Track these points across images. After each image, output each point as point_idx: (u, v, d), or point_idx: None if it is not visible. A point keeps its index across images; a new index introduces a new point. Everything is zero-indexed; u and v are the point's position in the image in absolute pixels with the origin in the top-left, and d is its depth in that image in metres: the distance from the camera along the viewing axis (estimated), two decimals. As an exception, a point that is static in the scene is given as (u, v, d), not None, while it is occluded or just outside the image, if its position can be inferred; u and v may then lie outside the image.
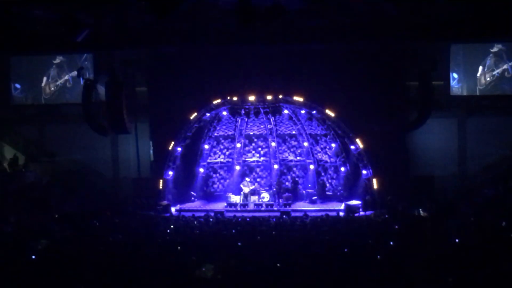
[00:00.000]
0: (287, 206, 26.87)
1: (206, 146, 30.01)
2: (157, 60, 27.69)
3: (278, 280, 10.08)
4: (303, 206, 27.33)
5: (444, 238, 14.97)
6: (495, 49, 26.93)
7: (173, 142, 27.15)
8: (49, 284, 10.08)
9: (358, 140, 25.89)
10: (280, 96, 25.88)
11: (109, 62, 26.27)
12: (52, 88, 29.89)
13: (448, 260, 11.73)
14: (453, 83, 27.35)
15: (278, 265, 11.31)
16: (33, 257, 12.60)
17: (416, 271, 10.89)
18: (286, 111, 27.40)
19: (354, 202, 26.17)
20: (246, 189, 28.07)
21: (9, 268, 11.35)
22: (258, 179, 30.44)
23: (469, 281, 9.81)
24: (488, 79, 27.08)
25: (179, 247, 14.18)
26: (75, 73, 28.46)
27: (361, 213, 24.65)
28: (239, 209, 26.92)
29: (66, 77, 29.70)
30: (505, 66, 26.94)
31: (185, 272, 10.82)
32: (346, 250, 13.09)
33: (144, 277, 10.47)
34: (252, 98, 25.87)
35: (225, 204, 27.63)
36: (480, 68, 27.11)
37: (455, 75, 27.36)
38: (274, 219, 21.60)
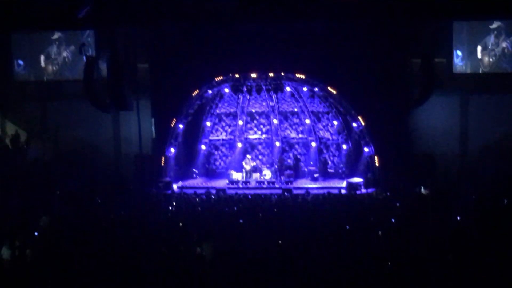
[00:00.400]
0: (289, 184, 26.92)
1: (208, 123, 29.99)
2: (159, 36, 27.49)
3: (279, 257, 10.11)
4: (304, 183, 27.37)
5: (446, 216, 15.01)
6: (494, 26, 26.72)
7: (175, 119, 27.10)
8: (51, 260, 10.12)
9: (360, 118, 25.81)
10: (282, 73, 25.77)
11: (111, 39, 26.13)
12: (53, 67, 29.78)
13: (449, 238, 11.77)
14: (457, 60, 27.18)
15: (280, 242, 11.35)
16: (36, 233, 12.66)
17: (417, 248, 10.93)
18: (288, 88, 27.30)
19: (356, 179, 26.18)
20: (247, 167, 28.09)
21: (12, 244, 11.40)
22: (260, 157, 30.45)
23: (470, 259, 9.84)
24: (490, 57, 26.92)
25: (180, 224, 14.23)
26: (73, 48, 28.36)
27: (363, 190, 24.70)
28: (240, 186, 26.96)
29: (65, 54, 29.57)
30: (504, 44, 26.78)
31: (187, 249, 10.86)
32: (347, 227, 13.13)
33: (146, 253, 10.50)
34: (254, 75, 25.78)
35: (227, 181, 27.67)
36: (480, 47, 26.94)
37: (459, 53, 27.18)
38: (275, 197, 21.65)
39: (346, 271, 9.35)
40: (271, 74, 25.71)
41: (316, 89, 26.37)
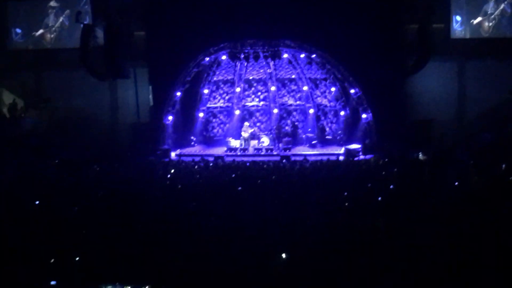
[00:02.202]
0: (287, 151, 26.88)
1: (206, 91, 29.83)
2: (156, 3, 27.20)
3: (278, 224, 10.05)
4: (303, 150, 27.33)
5: (443, 182, 14.98)
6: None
7: (172, 87, 26.91)
8: (49, 230, 10.05)
9: (357, 84, 25.67)
10: (280, 40, 25.56)
11: (107, 7, 25.86)
12: (50, 35, 29.52)
13: (447, 204, 11.73)
14: (456, 26, 26.95)
15: (278, 209, 11.29)
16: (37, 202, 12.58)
17: (415, 212, 10.89)
18: (285, 55, 27.11)
19: (353, 146, 26.18)
20: (245, 134, 28.01)
21: (9, 215, 11.32)
22: (257, 124, 30.38)
23: (468, 224, 9.79)
24: (489, 22, 26.68)
25: (179, 192, 14.18)
26: (70, 16, 28.09)
27: (361, 157, 24.67)
28: (238, 153, 26.92)
29: (61, 19, 29.27)
30: (502, 6, 26.54)
31: (185, 217, 10.80)
32: (345, 193, 13.08)
33: (144, 222, 10.44)
34: (251, 42, 25.57)
35: (225, 149, 27.64)
36: (479, 12, 26.72)
37: (458, 18, 26.95)
38: (273, 164, 21.59)
39: (343, 238, 9.29)
40: (268, 41, 25.49)
41: (314, 55, 26.20)
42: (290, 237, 9.31)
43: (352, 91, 26.09)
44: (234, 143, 27.95)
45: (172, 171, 19.00)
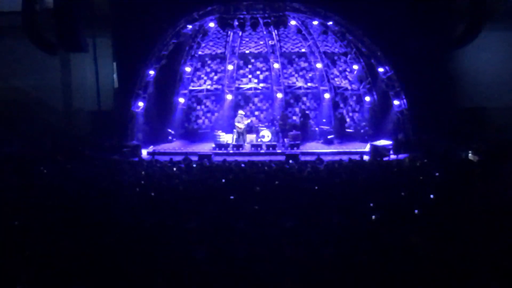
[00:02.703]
0: (295, 148, 26.89)
1: (188, 69, 29.84)
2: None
3: (282, 244, 10.00)
4: (315, 147, 27.37)
5: (500, 188, 14.95)
6: None
7: (144, 64, 26.88)
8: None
9: (388, 61, 25.66)
10: (285, 2, 25.54)
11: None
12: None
13: (505, 217, 11.69)
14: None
15: (283, 224, 11.24)
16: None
17: (463, 230, 10.84)
18: (293, 22, 27.12)
19: (382, 142, 26.16)
20: (240, 126, 28.00)
21: None
22: (256, 113, 30.42)
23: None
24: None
25: (151, 202, 14.13)
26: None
27: (392, 156, 24.66)
28: (231, 151, 26.96)
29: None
30: None
31: (159, 234, 10.76)
32: (371, 204, 13.03)
33: (106, 240, 10.39)
34: (247, 4, 25.54)
35: (213, 145, 27.64)
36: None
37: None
38: (276, 165, 21.57)
39: (368, 265, 9.25)
40: (271, 3, 25.46)
41: (330, 22, 26.16)
42: (299, 265, 9.26)
43: (380, 70, 26.10)
44: (225, 138, 27.95)
45: (143, 173, 18.98)
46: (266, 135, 28.23)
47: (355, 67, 28.16)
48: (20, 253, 10.01)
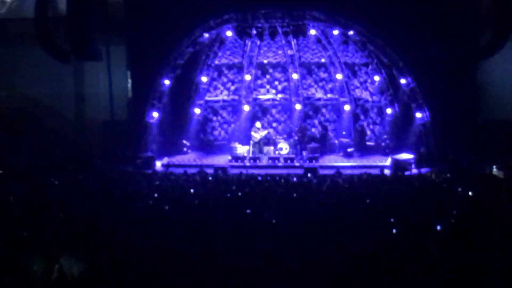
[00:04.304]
0: (313, 161, 26.82)
1: (204, 79, 29.88)
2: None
3: (300, 260, 9.97)
4: (334, 160, 27.30)
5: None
6: None
7: (158, 73, 26.95)
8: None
9: (410, 72, 25.60)
10: (305, 11, 25.55)
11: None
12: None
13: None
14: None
15: (301, 240, 11.22)
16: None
17: (487, 247, 10.77)
18: (313, 32, 27.09)
19: (404, 156, 26.08)
20: (257, 137, 27.98)
21: None
22: (274, 124, 30.40)
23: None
24: None
25: (165, 215, 14.14)
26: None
27: (414, 170, 24.57)
28: (248, 164, 26.90)
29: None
30: None
31: (172, 248, 10.75)
32: (392, 220, 12.99)
33: (119, 256, 10.39)
34: (266, 12, 25.57)
35: (229, 158, 27.60)
36: None
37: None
38: (295, 178, 21.54)
39: (391, 281, 9.21)
40: (290, 11, 25.49)
41: (351, 32, 26.13)
42: (320, 281, 9.24)
43: (402, 81, 26.02)
44: (242, 149, 27.93)
45: (157, 186, 18.99)
46: (284, 147, 28.18)
47: (376, 78, 28.11)
48: (29, 265, 10.03)
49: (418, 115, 25.96)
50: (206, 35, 27.06)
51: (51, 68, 27.42)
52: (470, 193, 17.04)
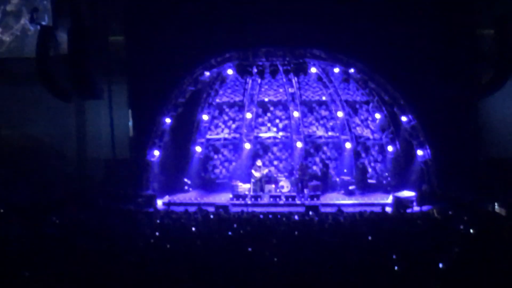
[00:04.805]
0: (315, 199, 26.81)
1: (205, 117, 29.94)
2: (138, -1, 27.51)
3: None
4: (336, 198, 27.29)
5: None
6: None
7: (160, 111, 27.01)
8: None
9: (411, 109, 25.67)
10: (306, 49, 25.67)
11: (73, 2, 26.09)
12: (8, 38, 29.75)
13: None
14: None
15: (303, 278, 11.22)
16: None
17: (490, 286, 10.78)
18: (313, 70, 27.23)
19: (405, 193, 26.06)
20: (258, 175, 27.99)
21: None
22: (275, 162, 30.41)
23: None
24: None
25: (167, 254, 14.13)
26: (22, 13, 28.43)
27: (416, 208, 24.53)
28: (249, 202, 26.87)
29: (23, 21, 29.52)
30: None
31: None
32: (394, 256, 12.99)
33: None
34: (267, 51, 25.69)
35: (230, 196, 27.59)
36: None
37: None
38: (297, 216, 21.53)
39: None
40: (290, 50, 25.61)
41: (352, 70, 26.25)
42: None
43: (403, 118, 26.10)
44: (243, 188, 27.90)
45: (158, 224, 18.97)
46: (285, 185, 28.16)
47: (377, 116, 28.18)
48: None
49: (420, 152, 26.00)
50: (207, 73, 27.18)
51: (52, 106, 27.44)
52: (472, 231, 17.05)
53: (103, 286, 10.92)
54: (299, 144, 29.99)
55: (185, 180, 29.44)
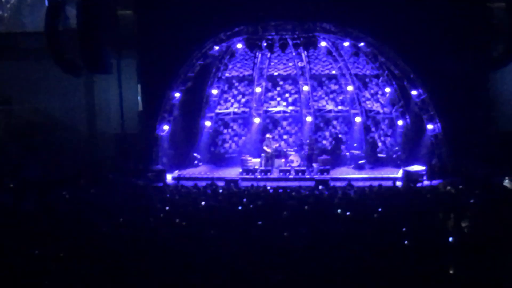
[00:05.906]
0: (325, 173, 26.79)
1: (214, 91, 29.89)
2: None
3: (312, 274, 9.97)
4: (346, 173, 27.29)
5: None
6: None
7: (169, 86, 26.96)
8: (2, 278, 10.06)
9: (421, 83, 25.55)
10: (316, 23, 25.54)
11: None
12: (4, 13, 29.69)
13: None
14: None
15: (312, 251, 11.21)
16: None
17: (501, 261, 10.73)
18: (323, 43, 27.10)
19: (415, 167, 26.02)
20: (268, 150, 27.97)
21: None
22: (284, 136, 30.38)
23: None
24: None
25: (177, 228, 14.14)
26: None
27: (426, 182, 24.51)
28: (259, 176, 26.90)
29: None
30: None
31: (185, 263, 10.75)
32: (404, 230, 12.98)
33: (130, 270, 10.40)
34: (276, 24, 25.57)
35: (240, 170, 27.62)
36: None
37: None
38: (306, 191, 21.51)
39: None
40: (300, 23, 25.48)
41: (362, 44, 26.13)
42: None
43: (414, 92, 25.97)
44: (253, 162, 27.89)
45: (168, 199, 18.99)
46: (295, 159, 28.15)
47: (387, 89, 28.05)
48: (40, 282, 10.03)
49: (430, 126, 25.90)
50: (217, 47, 27.08)
51: (62, 81, 27.44)
52: (482, 204, 17.00)
53: (113, 260, 10.93)
54: (308, 119, 29.95)
55: (195, 154, 29.44)
